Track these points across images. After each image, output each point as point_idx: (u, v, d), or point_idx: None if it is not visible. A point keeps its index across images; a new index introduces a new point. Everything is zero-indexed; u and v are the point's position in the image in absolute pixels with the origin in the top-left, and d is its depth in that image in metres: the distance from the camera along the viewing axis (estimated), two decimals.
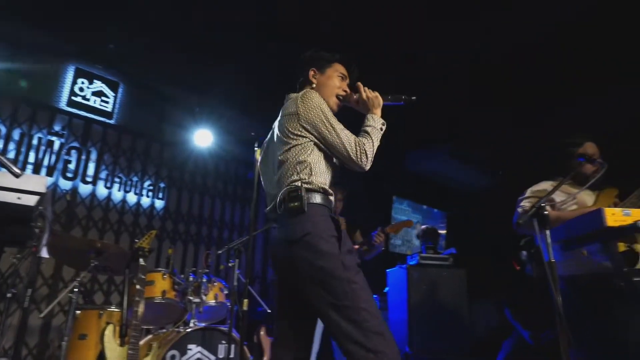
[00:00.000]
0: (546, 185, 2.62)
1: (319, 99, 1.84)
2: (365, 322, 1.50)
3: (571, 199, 2.48)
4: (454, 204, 7.33)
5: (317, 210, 1.68)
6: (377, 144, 1.83)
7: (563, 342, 1.50)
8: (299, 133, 1.78)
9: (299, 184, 1.69)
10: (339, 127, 1.81)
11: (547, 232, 1.73)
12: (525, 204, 2.55)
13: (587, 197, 2.53)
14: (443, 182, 7.05)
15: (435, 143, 6.01)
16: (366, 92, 1.95)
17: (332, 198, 1.79)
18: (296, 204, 1.65)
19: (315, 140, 1.79)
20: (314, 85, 2.02)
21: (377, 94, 1.95)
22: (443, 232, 4.53)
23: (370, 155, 1.79)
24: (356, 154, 1.76)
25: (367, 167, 1.79)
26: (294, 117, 1.80)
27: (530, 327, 4.02)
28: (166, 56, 4.95)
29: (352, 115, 2.03)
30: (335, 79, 2.02)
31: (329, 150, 1.81)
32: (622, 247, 2.22)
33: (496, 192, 5.42)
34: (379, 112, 1.93)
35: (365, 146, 1.78)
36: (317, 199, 1.70)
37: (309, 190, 1.70)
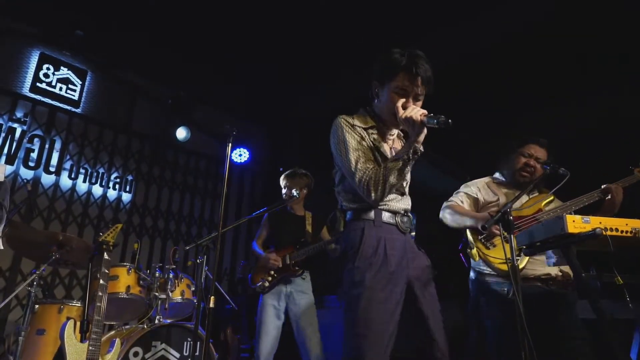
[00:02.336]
0: (480, 183, 2.61)
1: (340, 123, 1.71)
2: None
3: (496, 199, 2.47)
4: (424, 205, 7.41)
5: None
6: (393, 178, 1.55)
7: (523, 345, 1.54)
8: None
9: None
10: (353, 151, 1.63)
11: (513, 236, 1.78)
12: (451, 199, 2.59)
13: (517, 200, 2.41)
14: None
15: None
16: (401, 113, 1.59)
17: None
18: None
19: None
20: (380, 103, 1.74)
21: (413, 115, 1.55)
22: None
23: (374, 190, 1.55)
24: (359, 184, 1.58)
25: (372, 201, 1.58)
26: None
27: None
28: (139, 46, 4.83)
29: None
30: (393, 98, 1.65)
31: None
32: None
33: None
34: (415, 138, 1.57)
35: (372, 179, 1.56)
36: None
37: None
